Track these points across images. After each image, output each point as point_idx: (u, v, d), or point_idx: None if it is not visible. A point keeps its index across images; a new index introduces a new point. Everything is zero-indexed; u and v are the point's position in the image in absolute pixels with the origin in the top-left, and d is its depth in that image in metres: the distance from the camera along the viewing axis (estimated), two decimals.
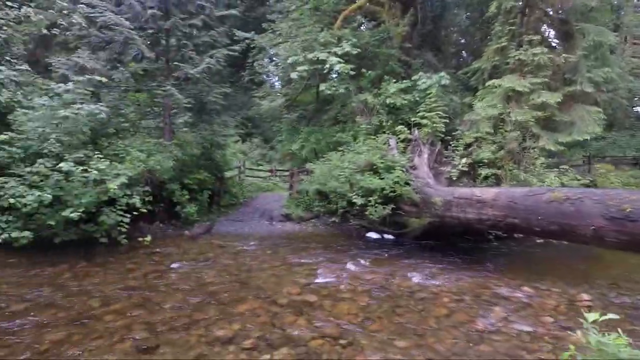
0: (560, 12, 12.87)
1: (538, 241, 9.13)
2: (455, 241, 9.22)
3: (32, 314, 4.46)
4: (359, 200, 9.20)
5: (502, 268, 6.97)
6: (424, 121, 10.60)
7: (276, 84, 26.70)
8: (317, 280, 6.17)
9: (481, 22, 20.95)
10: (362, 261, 7.42)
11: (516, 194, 6.54)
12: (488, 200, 7.02)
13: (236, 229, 10.74)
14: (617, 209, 4.74)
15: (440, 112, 10.82)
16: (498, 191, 7.07)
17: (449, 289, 5.64)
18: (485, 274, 6.58)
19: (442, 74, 13.43)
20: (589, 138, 12.13)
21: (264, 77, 27.62)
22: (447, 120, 11.27)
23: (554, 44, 13.29)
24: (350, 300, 5.09)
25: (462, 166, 9.64)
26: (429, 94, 12.32)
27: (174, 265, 6.82)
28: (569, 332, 4.12)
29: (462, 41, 26.40)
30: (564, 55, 12.13)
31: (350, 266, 7.06)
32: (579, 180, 9.63)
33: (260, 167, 19.37)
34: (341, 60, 13.31)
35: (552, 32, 13.97)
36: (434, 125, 10.55)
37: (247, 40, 14.10)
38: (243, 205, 12.73)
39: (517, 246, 8.99)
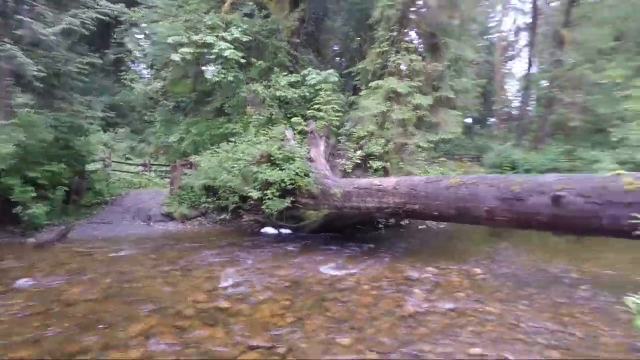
0: (428, 26, 14.56)
1: (420, 227, 10.04)
2: (351, 232, 9.42)
3: None
4: (255, 194, 8.54)
5: (401, 252, 7.31)
6: (320, 114, 10.57)
7: (144, 71, 23.56)
8: (222, 284, 5.34)
9: (360, 29, 22.52)
10: (265, 258, 6.85)
11: (416, 182, 6.91)
12: (389, 189, 7.27)
13: (104, 232, 8.84)
14: (508, 190, 5.34)
15: (335, 106, 10.95)
16: (398, 180, 7.39)
17: (366, 277, 5.54)
18: (389, 259, 6.77)
19: (331, 70, 13.76)
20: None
21: (130, 62, 24.07)
22: (342, 114, 11.51)
23: (424, 55, 14.96)
24: (270, 301, 4.49)
25: (357, 158, 9.91)
26: (318, 89, 12.42)
27: (18, 284, 5.06)
28: (480, 305, 4.39)
29: (337, 47, 28.06)
30: (433, 63, 13.78)
31: (254, 264, 6.42)
32: (454, 171, 10.93)
33: (129, 161, 16.69)
34: (230, 46, 12.40)
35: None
36: (330, 118, 10.61)
37: (114, 12, 11.81)
38: (110, 204, 10.62)
39: (405, 232, 9.69)
